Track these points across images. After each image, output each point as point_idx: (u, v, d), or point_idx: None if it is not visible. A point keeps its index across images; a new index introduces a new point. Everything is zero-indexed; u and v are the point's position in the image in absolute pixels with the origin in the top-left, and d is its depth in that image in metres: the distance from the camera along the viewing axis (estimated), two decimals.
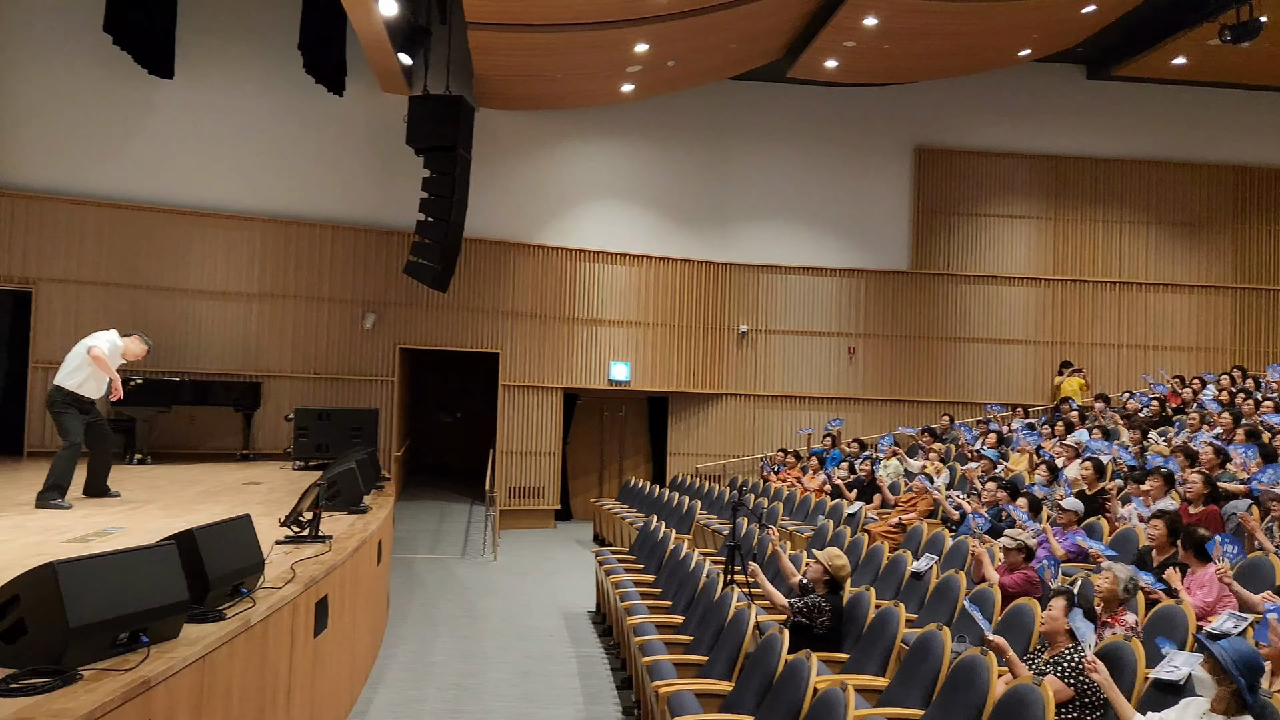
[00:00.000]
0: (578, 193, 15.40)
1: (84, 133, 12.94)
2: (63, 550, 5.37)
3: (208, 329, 13.42)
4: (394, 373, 14.14)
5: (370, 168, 14.12)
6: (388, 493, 9.16)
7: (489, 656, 7.86)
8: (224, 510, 7.19)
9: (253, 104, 13.65)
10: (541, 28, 11.39)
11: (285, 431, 13.01)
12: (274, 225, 13.72)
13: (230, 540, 4.22)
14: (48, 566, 3.08)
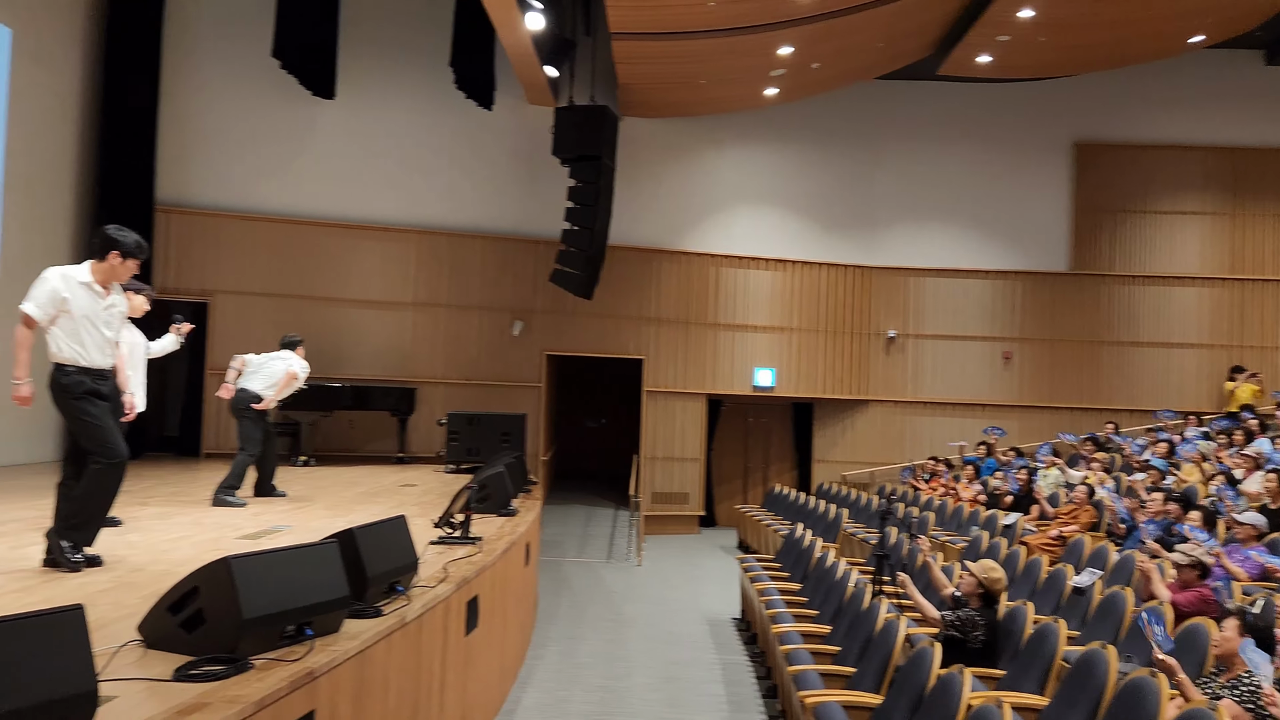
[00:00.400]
0: (721, 198, 15.39)
1: (254, 153, 13.75)
2: (236, 546, 5.71)
3: (365, 337, 14.04)
4: (541, 379, 14.46)
5: (518, 178, 14.49)
6: (535, 496, 9.35)
7: (634, 660, 7.93)
8: (381, 511, 7.50)
9: (407, 120, 14.22)
10: (685, 35, 11.45)
11: (438, 435, 13.48)
12: (427, 236, 14.24)
13: (387, 540, 4.39)
14: (223, 561, 3.28)
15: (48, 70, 11.57)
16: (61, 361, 4.90)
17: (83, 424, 4.92)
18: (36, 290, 4.86)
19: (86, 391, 4.90)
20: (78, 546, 4.90)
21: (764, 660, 7.65)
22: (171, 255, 13.35)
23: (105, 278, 5.04)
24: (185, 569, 3.82)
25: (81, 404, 4.89)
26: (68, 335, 4.89)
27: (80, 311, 4.92)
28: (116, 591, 4.39)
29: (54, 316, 4.87)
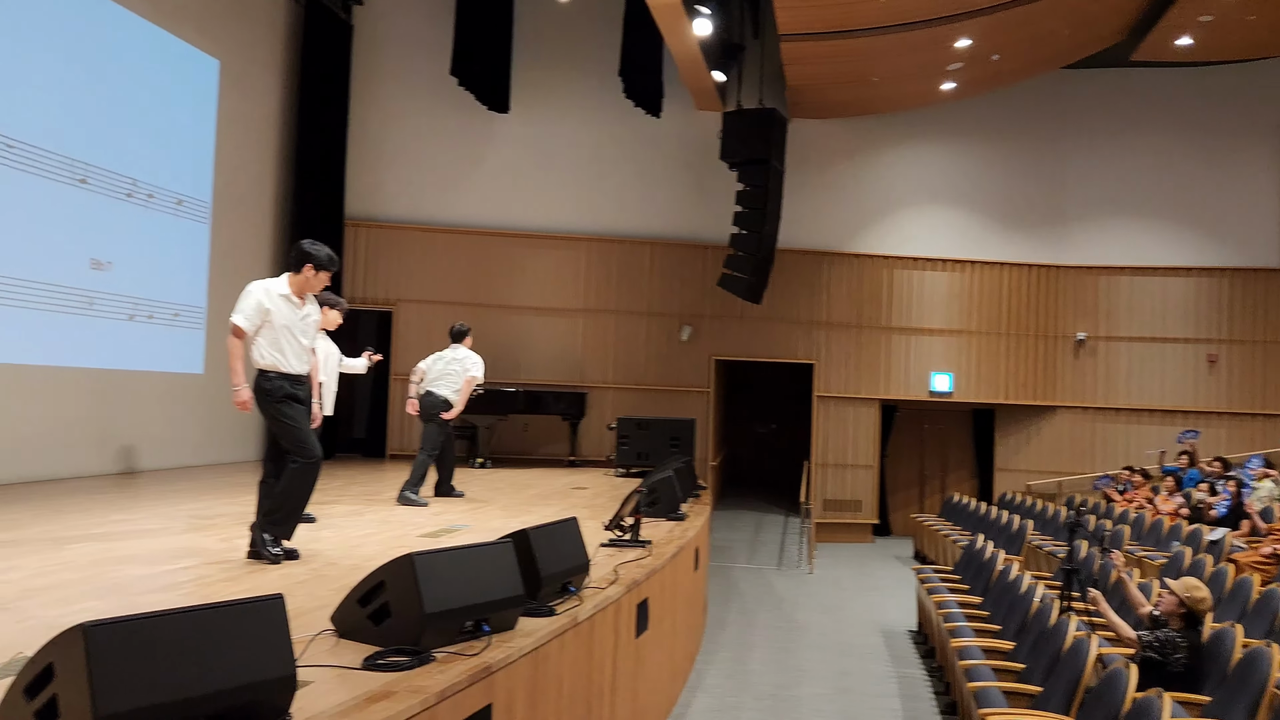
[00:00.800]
0: (895, 198, 15.03)
1: (434, 167, 14.39)
2: (418, 544, 5.98)
3: (539, 342, 14.44)
4: (709, 383, 14.49)
5: (686, 184, 14.59)
6: (704, 501, 9.37)
7: (806, 670, 7.83)
8: (554, 512, 7.69)
9: (578, 131, 14.56)
10: (856, 33, 11.25)
11: (608, 440, 13.72)
12: (597, 243, 14.53)
13: (560, 541, 4.50)
14: (407, 558, 3.44)
15: (250, 98, 12.47)
16: (264, 367, 5.29)
17: (282, 425, 5.28)
18: (243, 303, 5.26)
19: (286, 395, 5.26)
20: (278, 540, 5.25)
21: (942, 675, 7.41)
22: (359, 267, 14.13)
23: (301, 289, 5.40)
24: (373, 564, 4.02)
25: (281, 407, 5.25)
26: (269, 344, 5.26)
27: (280, 321, 5.29)
28: (311, 583, 4.68)
29: (258, 326, 5.24)
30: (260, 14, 12.71)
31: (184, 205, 11.11)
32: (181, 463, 11.05)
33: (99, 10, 9.73)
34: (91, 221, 9.64)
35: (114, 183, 9.95)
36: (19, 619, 3.81)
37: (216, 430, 11.65)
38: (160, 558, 5.34)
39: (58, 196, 9.20)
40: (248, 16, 12.42)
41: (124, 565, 5.05)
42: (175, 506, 7.59)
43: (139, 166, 10.31)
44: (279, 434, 5.34)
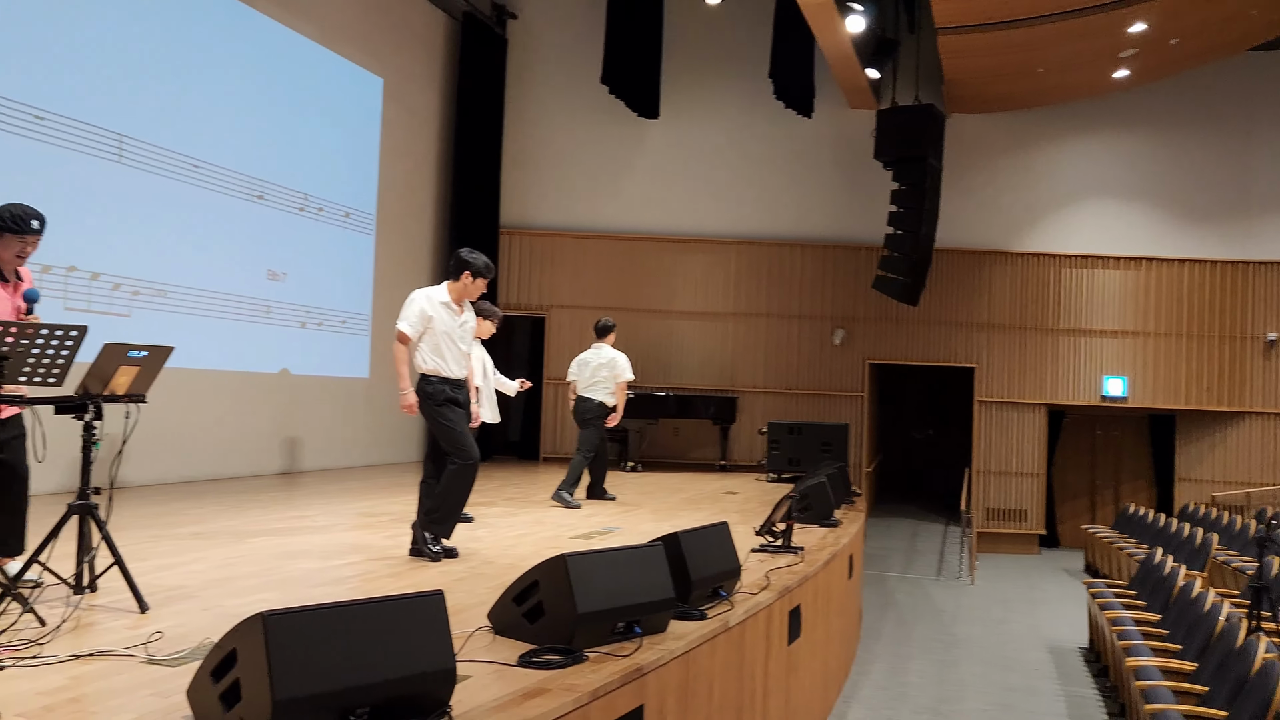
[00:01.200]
0: (1061, 194, 14.41)
1: (585, 174, 14.67)
2: (571, 545, 6.12)
3: (689, 347, 14.51)
4: (863, 388, 14.24)
5: (839, 185, 14.39)
6: (859, 508, 9.22)
7: (967, 684, 7.59)
8: (704, 517, 7.72)
9: (728, 134, 14.56)
10: (1020, 22, 10.85)
11: (759, 444, 13.65)
12: (748, 246, 14.49)
13: (710, 545, 4.52)
14: (560, 559, 3.53)
15: (411, 113, 13.02)
16: (426, 372, 5.54)
17: (442, 428, 5.51)
18: (407, 310, 5.53)
19: (446, 399, 5.50)
20: (438, 539, 5.46)
21: (1116, 696, 7.05)
22: (513, 274, 14.54)
23: (460, 296, 5.64)
24: (527, 563, 4.14)
25: (442, 410, 5.49)
26: (430, 349, 5.51)
27: (441, 328, 5.53)
28: (469, 581, 4.85)
29: (421, 333, 5.48)
30: (420, 33, 13.26)
31: (351, 218, 11.70)
32: (348, 463, 11.63)
33: (271, 35, 10.36)
34: (268, 235, 10.27)
35: (288, 198, 10.57)
36: (205, 607, 4.10)
37: (380, 432, 12.21)
38: (330, 553, 5.64)
39: (238, 212, 9.85)
40: (409, 36, 12.98)
41: (297, 559, 5.36)
42: (343, 504, 8.00)
43: (310, 182, 10.93)
44: (439, 436, 5.57)
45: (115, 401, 4.05)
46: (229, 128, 9.71)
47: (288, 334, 10.63)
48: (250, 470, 10.09)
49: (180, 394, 8.87)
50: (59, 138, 7.89)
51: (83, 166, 8.11)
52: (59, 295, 7.84)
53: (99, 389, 3.97)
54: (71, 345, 3.72)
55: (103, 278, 8.27)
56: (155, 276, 8.82)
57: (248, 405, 10.06)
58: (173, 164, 9.00)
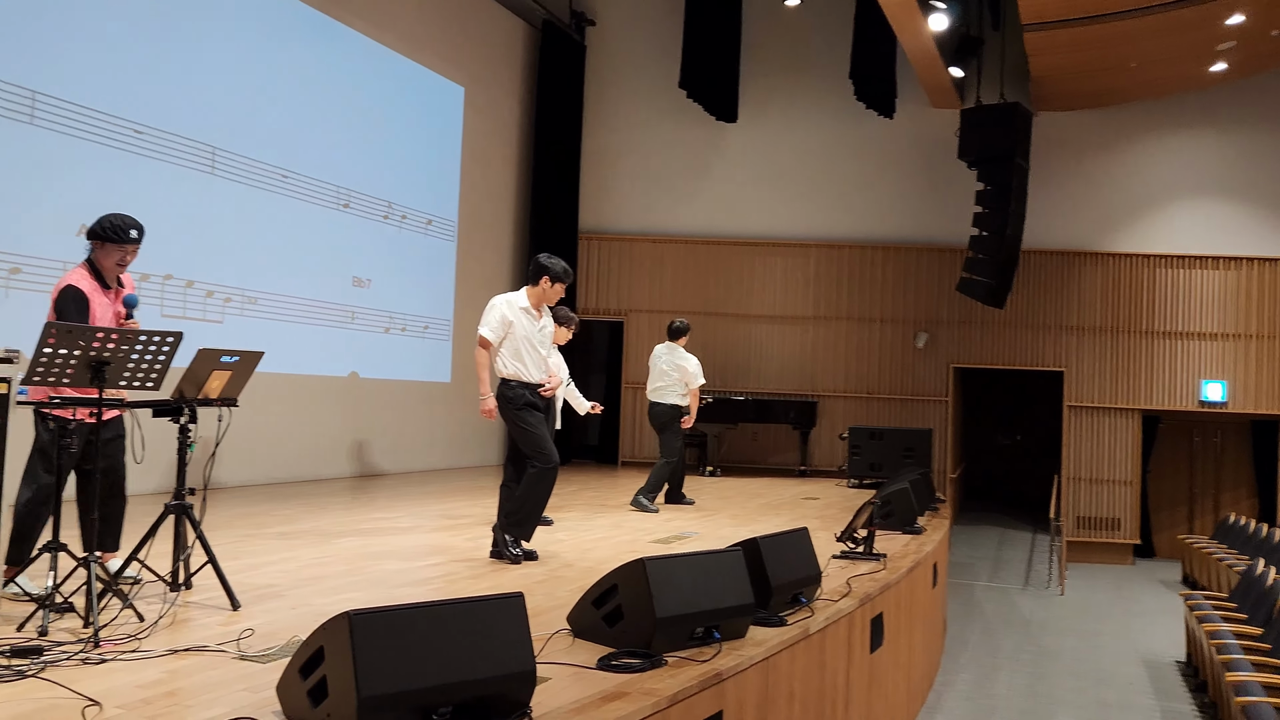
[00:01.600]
0: (1155, 192, 13.97)
1: (663, 179, 14.70)
2: (649, 549, 6.14)
3: (767, 351, 14.43)
4: (947, 392, 13.99)
5: (921, 186, 14.17)
6: (943, 515, 9.06)
7: (1058, 698, 7.40)
8: (784, 522, 7.67)
9: (807, 136, 14.46)
10: (1111, 17, 10.56)
11: (839, 449, 13.50)
12: (827, 249, 14.36)
13: (790, 551, 4.49)
14: (639, 562, 3.55)
15: (491, 121, 13.21)
16: (506, 376, 5.62)
17: (522, 431, 5.58)
18: (488, 316, 5.62)
19: (526, 403, 5.58)
20: (518, 541, 5.53)
21: (1214, 712, 6.80)
22: (592, 279, 14.64)
23: (539, 301, 5.72)
24: (606, 567, 4.17)
25: (522, 414, 5.56)
26: (511, 354, 5.59)
27: (521, 333, 5.61)
28: (549, 584, 4.90)
29: (502, 338, 5.58)
30: (500, 41, 13.45)
31: (433, 225, 11.91)
32: (429, 466, 11.83)
33: (356, 46, 10.61)
34: (353, 243, 10.52)
35: (372, 206, 10.82)
36: (294, 605, 4.21)
37: (461, 435, 12.40)
38: (413, 554, 5.75)
39: (324, 221, 10.11)
40: (489, 45, 13.18)
41: (382, 560, 5.47)
42: (426, 506, 8.14)
43: (394, 190, 11.16)
44: (519, 439, 5.64)
45: (209, 405, 4.20)
46: (316, 139, 9.97)
47: (372, 339, 10.86)
48: (334, 472, 10.34)
49: (269, 398, 9.14)
50: (156, 151, 8.21)
51: (178, 178, 8.42)
52: (156, 302, 8.14)
53: (193, 393, 4.12)
54: (168, 351, 3.86)
55: (197, 285, 8.57)
56: (246, 284, 9.10)
57: (332, 409, 10.31)
58: (262, 175, 9.29)
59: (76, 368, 3.65)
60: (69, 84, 7.47)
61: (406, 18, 11.44)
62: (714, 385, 14.16)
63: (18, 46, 7.13)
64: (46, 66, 7.32)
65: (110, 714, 2.75)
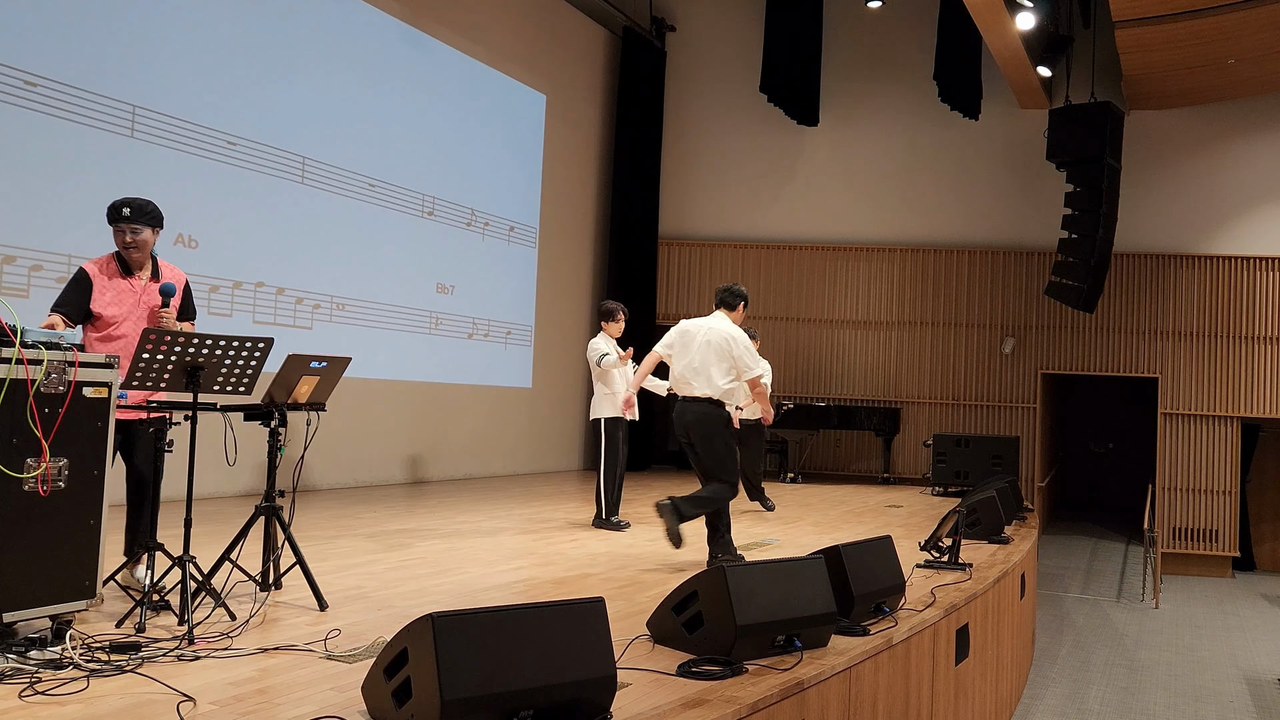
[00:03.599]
0: (1254, 192, 13.42)
1: (743, 183, 14.64)
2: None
3: (851, 357, 14.24)
4: (1035, 399, 13.63)
5: (1007, 188, 13.86)
6: (1031, 524, 8.83)
7: (1153, 715, 7.14)
8: (867, 530, 7.56)
9: (890, 139, 14.25)
10: (1208, 12, 10.18)
11: (923, 457, 13.26)
12: (912, 254, 14.13)
13: (873, 559, 4.41)
14: (719, 569, 3.52)
15: (573, 127, 13.31)
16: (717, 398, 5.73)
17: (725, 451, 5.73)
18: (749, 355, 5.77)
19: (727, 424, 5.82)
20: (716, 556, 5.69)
21: None
22: (671, 284, 14.64)
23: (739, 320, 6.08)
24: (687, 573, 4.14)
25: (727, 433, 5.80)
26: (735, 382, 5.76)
27: None
28: (630, 589, 4.90)
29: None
30: (582, 49, 13.54)
31: (515, 232, 12.04)
32: (512, 470, 11.95)
33: (440, 56, 10.79)
34: (437, 249, 10.69)
35: (456, 214, 10.98)
36: (380, 607, 4.28)
37: (542, 440, 12.49)
38: (496, 557, 5.80)
39: (409, 228, 10.30)
40: (571, 53, 13.28)
41: (465, 563, 5.53)
42: (509, 510, 8.22)
43: (477, 198, 11.31)
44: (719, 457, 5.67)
45: (298, 409, 4.29)
46: (401, 147, 10.17)
47: (454, 344, 11.02)
48: (419, 476, 10.50)
49: (356, 402, 9.33)
50: (249, 161, 8.45)
51: (269, 188, 8.65)
52: (248, 309, 8.37)
53: (283, 397, 4.21)
54: (260, 356, 3.96)
55: (287, 292, 8.79)
56: (334, 290, 9.31)
57: (416, 413, 10.48)
58: (350, 183, 9.50)
59: (173, 373, 3.77)
60: (169, 98, 7.75)
61: (490, 28, 11.59)
62: (796, 391, 14.05)
63: (118, 63, 7.42)
64: (145, 82, 7.59)
65: (204, 710, 2.82)
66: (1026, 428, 13.54)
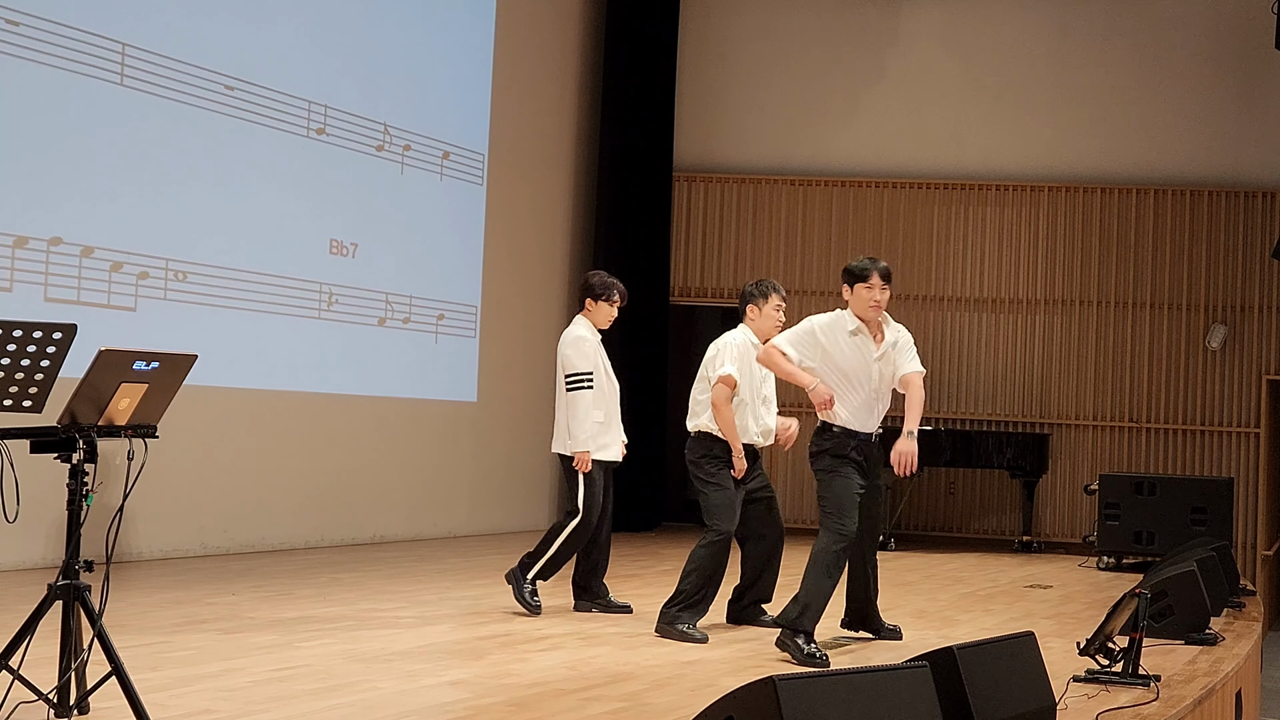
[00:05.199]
0: None
1: (807, 89, 14.65)
2: (783, 664, 6.16)
3: (970, 353, 14.23)
4: (1258, 420, 13.64)
5: (1216, 96, 13.86)
6: (1252, 615, 8.85)
7: None
8: (996, 624, 7.58)
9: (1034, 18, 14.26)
10: None
11: (1084, 509, 13.26)
12: (1066, 193, 14.12)
13: (1006, 667, 4.42)
14: (767, 682, 3.51)
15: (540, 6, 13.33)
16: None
17: None
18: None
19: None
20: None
21: None
22: (693, 242, 14.66)
23: None
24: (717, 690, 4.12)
25: None
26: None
27: None
28: (630, 715, 4.89)
29: None
30: None
31: (451, 160, 12.02)
32: (449, 530, 11.92)
33: None
34: (331, 187, 10.69)
35: (360, 132, 10.97)
36: None
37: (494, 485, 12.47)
38: (420, 666, 5.81)
39: (288, 154, 10.29)
40: None
41: (373, 674, 5.54)
42: (442, 593, 8.23)
43: (392, 107, 11.30)
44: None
45: (114, 436, 4.25)
46: (275, 31, 10.17)
47: (359, 335, 11.01)
48: (303, 539, 10.49)
49: (204, 423, 9.31)
50: (31, 49, 8.31)
51: (68, 90, 8.60)
52: (38, 280, 8.37)
53: (92, 417, 4.18)
54: (54, 353, 3.93)
55: (98, 254, 8.78)
56: (170, 251, 9.30)
57: (300, 439, 10.47)
58: (196, 84, 9.48)
59: None
60: None
61: None
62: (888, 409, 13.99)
63: None
64: None
65: None
66: (1245, 464, 13.54)
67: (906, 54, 14.54)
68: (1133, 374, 13.96)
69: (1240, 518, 12.93)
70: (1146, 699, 5.51)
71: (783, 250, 14.54)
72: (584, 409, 7.52)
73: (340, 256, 10.83)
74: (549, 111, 13.51)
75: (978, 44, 14.39)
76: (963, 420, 13.96)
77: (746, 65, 14.75)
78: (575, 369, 7.57)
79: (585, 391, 7.54)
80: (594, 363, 7.60)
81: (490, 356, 12.34)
